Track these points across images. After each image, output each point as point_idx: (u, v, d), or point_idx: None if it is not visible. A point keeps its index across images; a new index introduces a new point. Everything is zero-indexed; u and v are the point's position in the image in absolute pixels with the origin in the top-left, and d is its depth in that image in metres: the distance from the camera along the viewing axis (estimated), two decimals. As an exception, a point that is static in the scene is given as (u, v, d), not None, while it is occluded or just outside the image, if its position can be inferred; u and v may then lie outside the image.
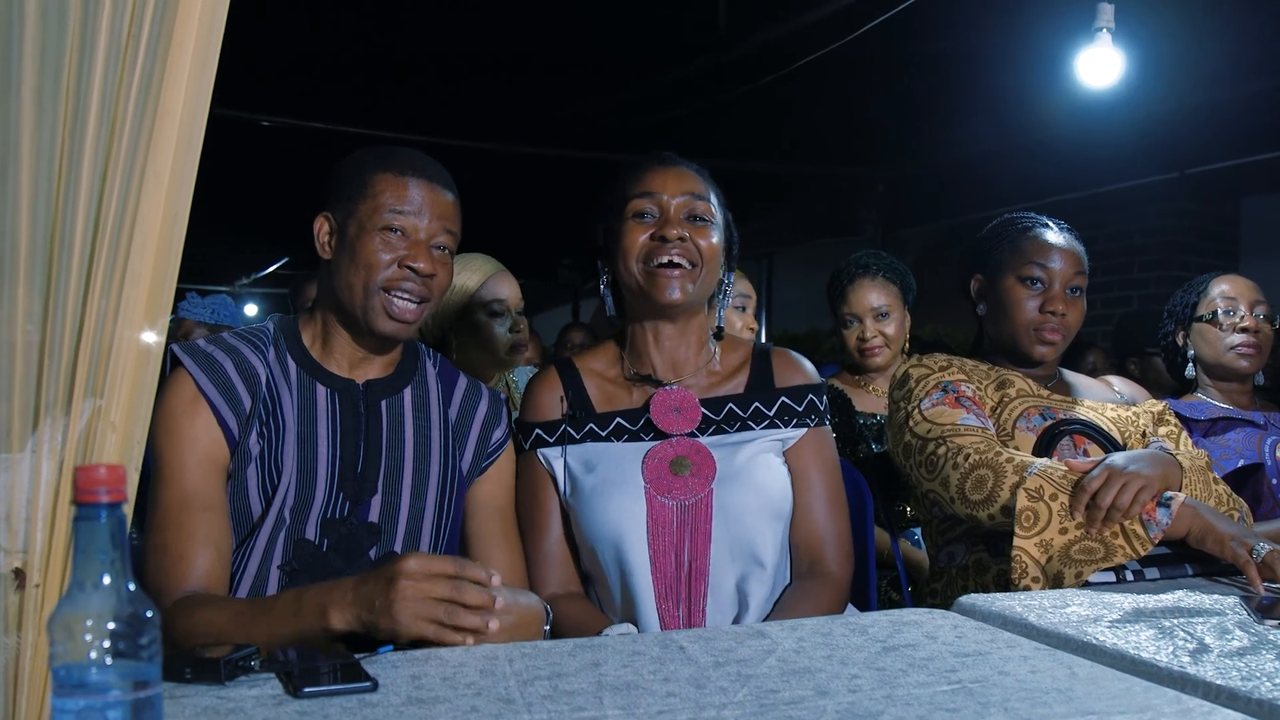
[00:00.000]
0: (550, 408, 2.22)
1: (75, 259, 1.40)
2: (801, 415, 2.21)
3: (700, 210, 2.14)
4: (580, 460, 2.16)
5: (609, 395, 2.23)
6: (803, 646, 1.55)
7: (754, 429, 2.18)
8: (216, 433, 1.90)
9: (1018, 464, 2.18)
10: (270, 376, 1.96)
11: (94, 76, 1.39)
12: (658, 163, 2.19)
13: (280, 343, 2.02)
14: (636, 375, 2.23)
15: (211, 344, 1.97)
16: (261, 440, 1.92)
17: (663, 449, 2.13)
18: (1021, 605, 1.76)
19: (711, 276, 2.18)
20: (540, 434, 2.20)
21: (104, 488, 0.90)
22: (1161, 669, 1.40)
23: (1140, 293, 7.46)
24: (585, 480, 2.14)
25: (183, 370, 1.91)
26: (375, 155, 2.01)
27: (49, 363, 1.39)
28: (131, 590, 0.92)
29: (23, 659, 1.38)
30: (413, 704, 1.31)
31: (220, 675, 1.37)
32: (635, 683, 1.39)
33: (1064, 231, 2.55)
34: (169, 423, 1.88)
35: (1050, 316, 2.45)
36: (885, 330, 3.59)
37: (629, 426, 2.18)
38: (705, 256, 2.13)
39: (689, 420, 2.16)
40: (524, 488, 2.20)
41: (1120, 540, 2.03)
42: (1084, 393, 2.58)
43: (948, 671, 1.42)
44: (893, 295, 3.63)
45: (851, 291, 3.63)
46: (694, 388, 2.21)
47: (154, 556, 1.82)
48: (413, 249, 1.95)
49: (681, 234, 2.11)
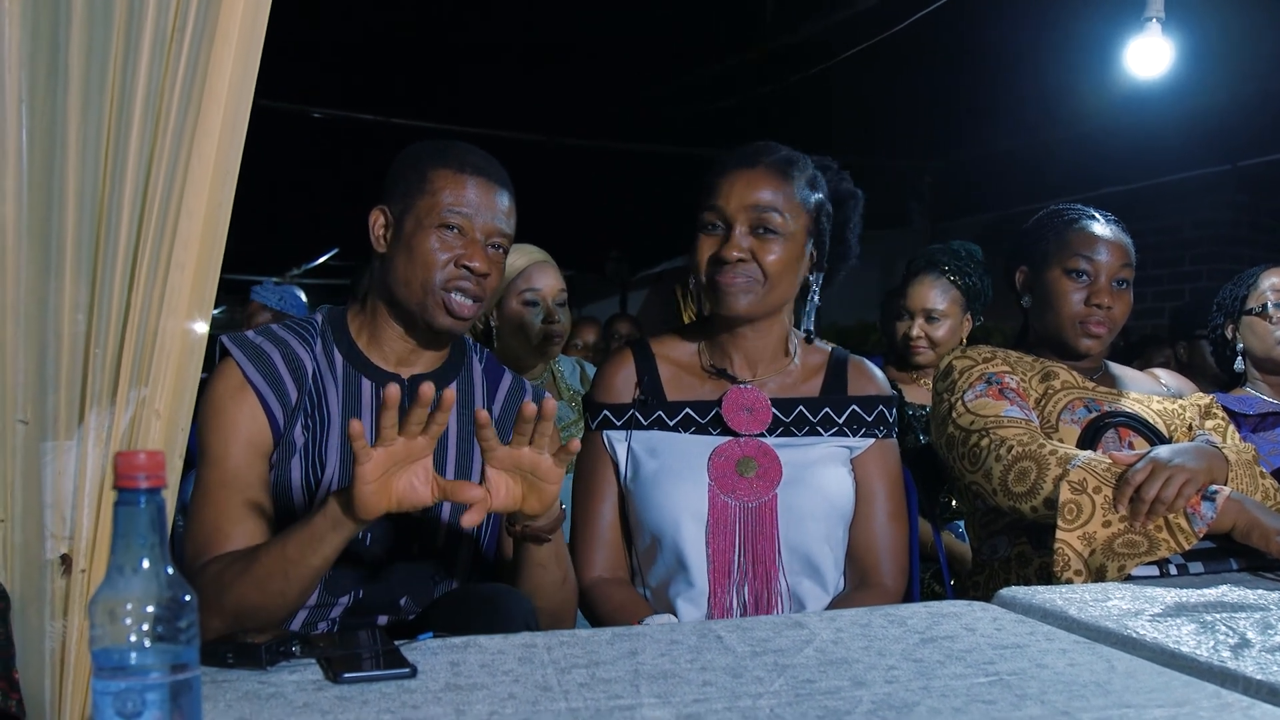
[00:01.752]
0: (622, 390, 2.22)
1: (121, 250, 1.42)
2: (871, 425, 2.21)
3: (771, 222, 2.10)
4: (645, 446, 2.16)
5: (682, 384, 2.23)
6: (840, 637, 1.55)
7: (822, 435, 2.18)
8: (261, 420, 1.92)
9: (1061, 456, 2.16)
10: (316, 369, 1.98)
11: (139, 71, 1.41)
12: (735, 163, 2.15)
13: (328, 335, 2.03)
14: (713, 368, 2.23)
15: (260, 335, 1.99)
16: (306, 433, 1.94)
17: (730, 448, 2.13)
18: (1062, 598, 1.74)
19: (781, 288, 2.15)
20: (608, 415, 2.21)
21: (144, 473, 0.92)
22: (1201, 663, 1.38)
23: (1191, 285, 7.37)
24: (648, 465, 2.14)
25: (231, 360, 1.94)
26: (434, 150, 2.02)
27: (95, 352, 1.41)
28: (170, 574, 0.93)
29: (69, 643, 1.41)
30: (451, 690, 1.32)
31: (261, 660, 1.39)
32: (672, 671, 1.40)
33: (1111, 223, 2.52)
34: (215, 408, 1.91)
35: (1096, 309, 2.43)
36: (933, 333, 3.53)
37: (698, 419, 2.18)
38: (770, 272, 2.11)
39: (759, 421, 2.16)
40: (583, 466, 2.21)
41: (1164, 534, 2.02)
42: (1130, 385, 2.55)
43: (985, 664, 1.41)
44: (953, 300, 3.55)
45: (913, 285, 3.58)
46: (768, 387, 2.21)
47: (192, 531, 1.86)
48: (469, 248, 1.95)
49: (743, 255, 2.09)
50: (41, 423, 1.40)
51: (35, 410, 1.40)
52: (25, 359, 1.40)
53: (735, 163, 2.15)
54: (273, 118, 6.23)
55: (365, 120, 6.89)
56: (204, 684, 1.32)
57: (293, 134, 6.83)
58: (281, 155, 6.58)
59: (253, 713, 1.24)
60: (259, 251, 12.52)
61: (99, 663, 0.91)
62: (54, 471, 1.40)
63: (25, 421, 1.38)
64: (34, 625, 1.40)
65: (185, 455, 1.57)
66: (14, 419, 1.38)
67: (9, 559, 1.40)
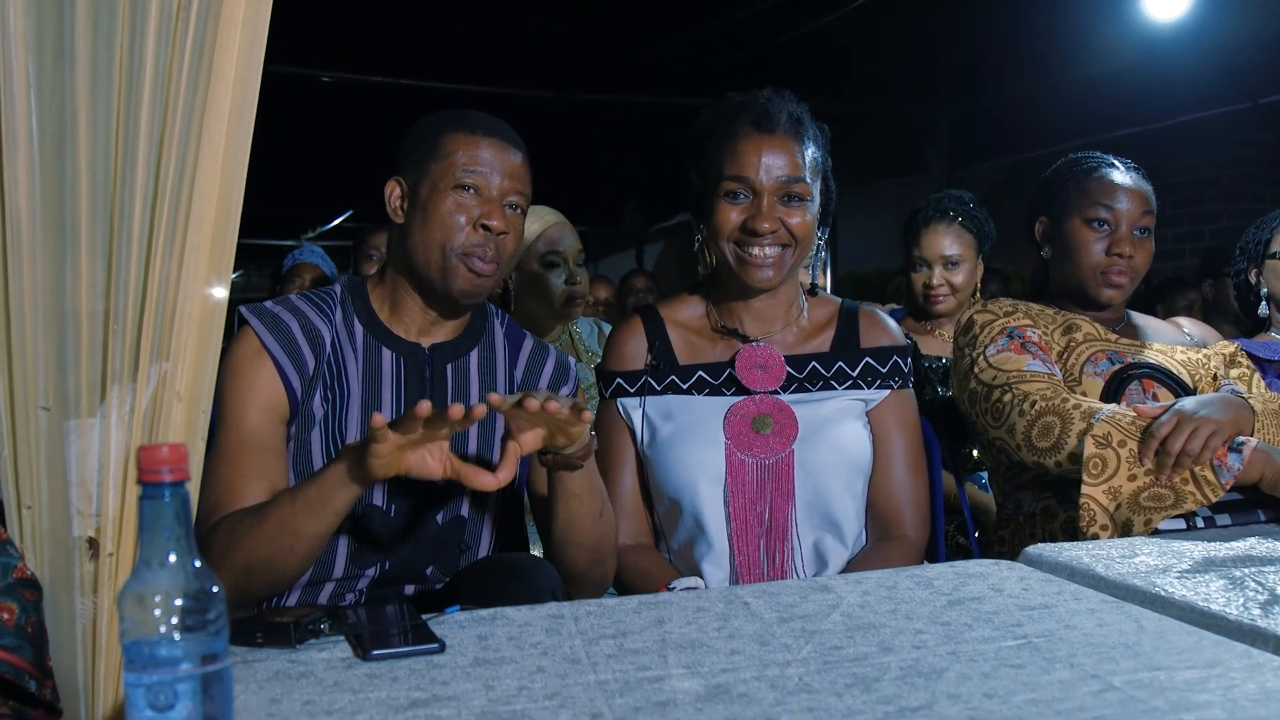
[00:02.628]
0: (633, 357, 2.22)
1: (136, 228, 1.41)
2: (885, 377, 2.19)
3: (797, 190, 2.09)
4: (660, 410, 2.16)
5: (693, 347, 2.22)
6: (867, 601, 1.55)
7: (836, 389, 2.17)
8: (279, 385, 1.92)
9: (1085, 410, 2.15)
10: (335, 339, 1.98)
11: (146, 49, 1.40)
12: (751, 127, 2.10)
13: (348, 304, 2.03)
14: (724, 328, 2.22)
15: (278, 305, 1.99)
16: (325, 404, 1.95)
17: (745, 405, 2.13)
18: (1089, 555, 1.74)
19: (805, 250, 2.14)
20: (621, 383, 2.21)
21: (167, 466, 0.92)
22: (1231, 622, 1.38)
23: (1212, 227, 7.30)
24: (664, 429, 2.14)
25: (249, 328, 1.95)
26: (446, 117, 2.02)
27: (115, 328, 1.41)
28: (198, 566, 0.94)
29: (100, 626, 1.42)
30: (480, 665, 1.33)
31: (291, 639, 1.40)
32: (700, 640, 1.40)
33: (1131, 170, 2.49)
34: (232, 372, 1.92)
35: (1117, 259, 2.41)
36: (953, 279, 3.52)
37: (711, 380, 2.17)
38: (799, 236, 2.10)
39: (773, 378, 2.15)
40: (600, 436, 2.21)
41: (1190, 487, 2.01)
42: (1153, 335, 2.53)
43: (1013, 625, 1.41)
44: (967, 244, 3.55)
45: (925, 235, 3.56)
46: (779, 344, 2.20)
47: (206, 490, 1.85)
48: (486, 206, 1.95)
49: (774, 225, 2.07)
50: (64, 403, 1.40)
51: (57, 392, 1.40)
52: (45, 345, 1.39)
53: (749, 125, 2.11)
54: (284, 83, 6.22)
55: (375, 82, 6.86)
56: (233, 664, 1.34)
57: (304, 98, 6.82)
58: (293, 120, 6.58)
59: (283, 693, 1.25)
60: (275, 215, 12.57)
61: (130, 655, 0.92)
62: (78, 450, 1.40)
63: (48, 408, 1.39)
64: (64, 609, 1.40)
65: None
66: (37, 406, 1.38)
67: (37, 544, 1.41)
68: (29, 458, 1.40)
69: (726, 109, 2.15)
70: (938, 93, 8.08)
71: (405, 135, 2.06)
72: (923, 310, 3.63)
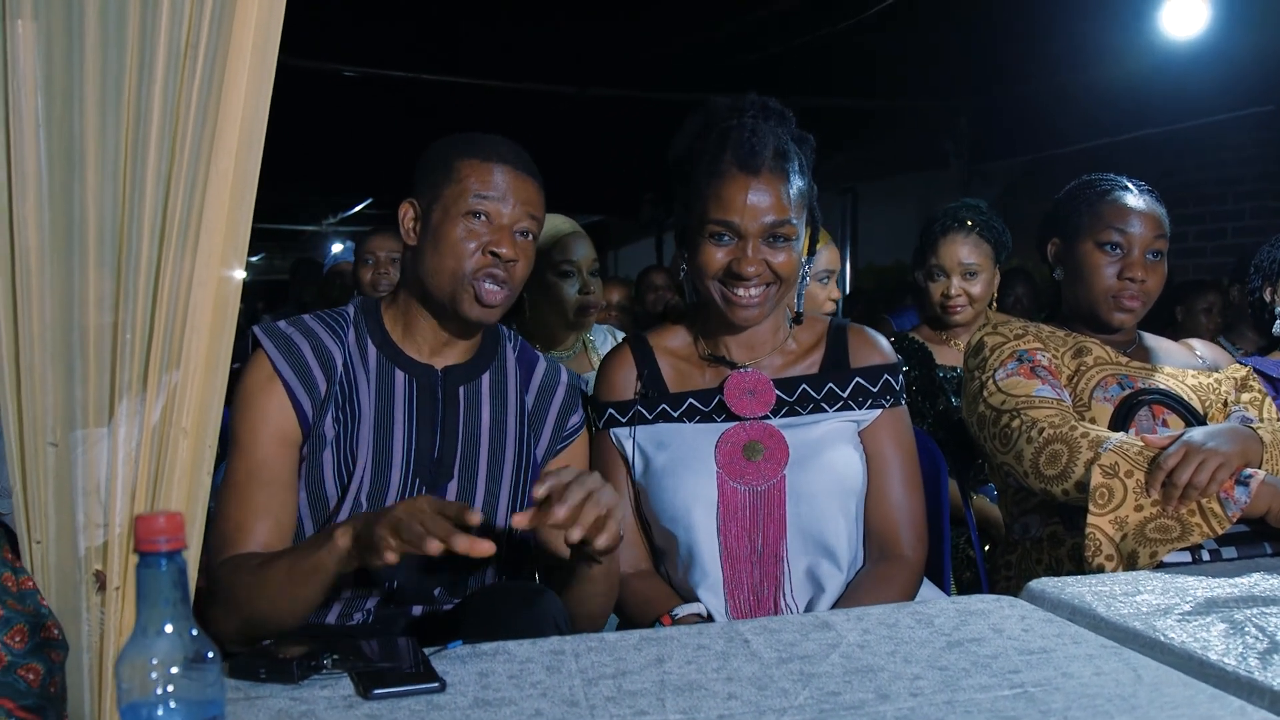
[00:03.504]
0: (624, 387, 2.22)
1: (145, 235, 1.42)
2: (876, 396, 2.18)
3: (782, 231, 2.06)
4: (652, 440, 2.16)
5: (682, 375, 2.22)
6: (867, 640, 1.56)
7: (827, 411, 2.16)
8: (290, 412, 1.94)
9: (1093, 439, 2.14)
10: (348, 360, 2.00)
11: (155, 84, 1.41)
12: (739, 169, 2.05)
13: (361, 325, 2.05)
14: (711, 356, 2.22)
15: (292, 325, 2.01)
16: (337, 425, 1.96)
17: (736, 433, 2.12)
18: (1091, 593, 1.74)
19: (790, 286, 2.12)
20: (613, 414, 2.21)
21: (164, 536, 0.93)
22: (1229, 674, 1.38)
23: (1234, 224, 7.27)
24: (656, 459, 2.14)
25: (262, 351, 1.96)
26: (460, 142, 2.02)
27: (124, 339, 1.43)
28: (195, 634, 0.95)
29: (105, 658, 1.44)
30: (479, 706, 1.34)
31: (294, 676, 1.42)
32: (698, 682, 1.41)
33: (1144, 194, 2.48)
34: (246, 399, 1.94)
35: (1129, 283, 2.40)
36: (971, 290, 3.50)
37: (701, 408, 2.17)
38: (784, 275, 2.08)
39: (763, 404, 2.15)
40: (595, 466, 2.21)
41: (1197, 519, 2.01)
42: (1164, 358, 2.52)
43: (1010, 672, 1.41)
44: (984, 254, 3.52)
45: (943, 244, 3.53)
46: (767, 368, 2.19)
47: (217, 524, 1.88)
48: (496, 234, 1.96)
49: (759, 268, 2.05)
50: (71, 419, 1.41)
51: (64, 424, 1.41)
52: (53, 376, 1.41)
53: (734, 166, 2.06)
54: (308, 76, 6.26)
55: (395, 77, 6.88)
56: (237, 701, 1.36)
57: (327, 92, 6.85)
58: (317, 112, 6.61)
59: (284, 734, 1.27)
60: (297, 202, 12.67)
61: (126, 719, 0.93)
62: (85, 462, 1.42)
63: (55, 444, 1.40)
64: (72, 642, 1.42)
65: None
66: (45, 442, 1.40)
67: (46, 578, 1.43)
68: (38, 493, 1.42)
69: (711, 139, 2.10)
70: (958, 89, 8.04)
71: (420, 157, 2.07)
72: (939, 320, 3.61)
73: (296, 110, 5.86)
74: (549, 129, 4.37)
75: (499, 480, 2.04)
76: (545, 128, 2.41)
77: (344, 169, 10.09)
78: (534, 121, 5.91)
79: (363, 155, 8.81)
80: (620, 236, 14.97)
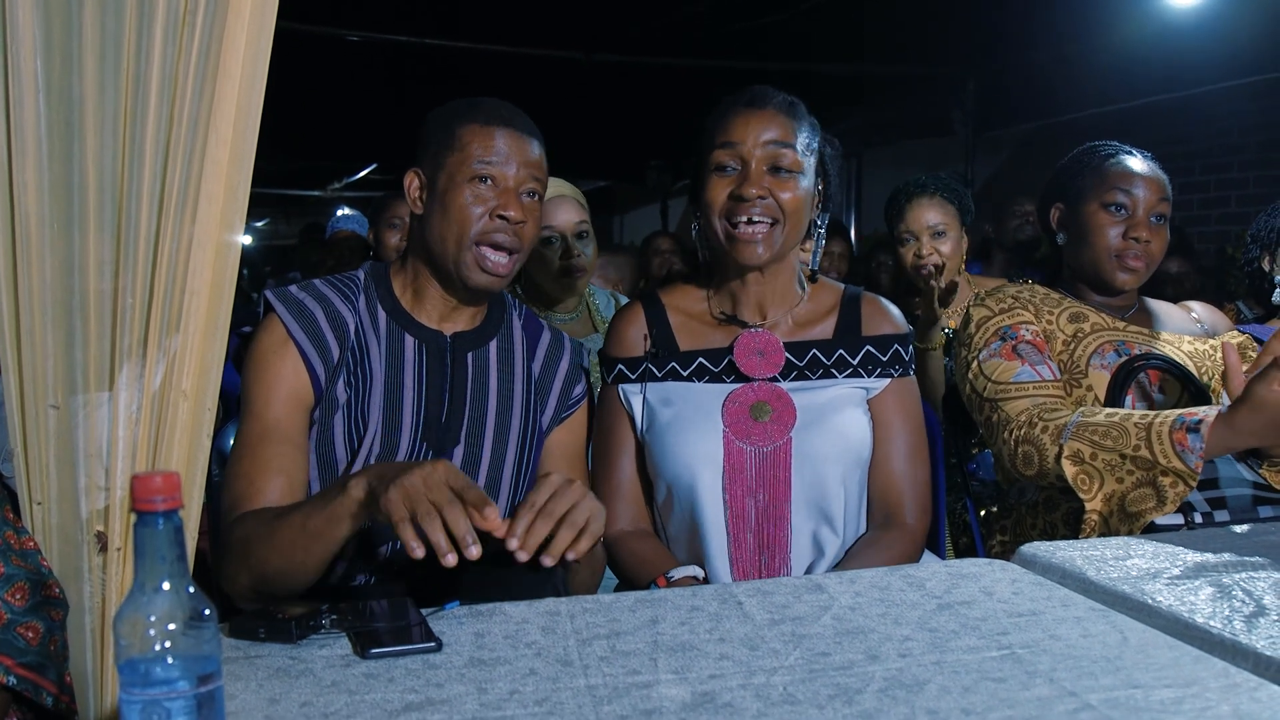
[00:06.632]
0: (634, 344, 2.24)
1: (145, 199, 1.43)
2: (886, 365, 2.20)
3: (785, 161, 2.08)
4: (659, 397, 2.18)
5: (693, 333, 2.23)
6: (859, 603, 1.57)
7: (837, 377, 2.18)
8: (303, 374, 1.96)
9: (1054, 430, 2.18)
10: (359, 326, 2.01)
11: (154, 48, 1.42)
12: (743, 105, 2.12)
13: (371, 291, 2.07)
14: (723, 315, 2.23)
15: (304, 290, 2.03)
16: (349, 389, 1.98)
17: (744, 393, 2.14)
18: (1082, 557, 1.75)
19: (796, 228, 2.12)
20: (622, 369, 2.22)
21: (160, 496, 0.94)
22: (1214, 636, 1.40)
23: (1239, 193, 7.26)
24: (663, 415, 2.16)
25: (274, 315, 1.98)
26: (461, 108, 2.04)
27: (124, 304, 1.44)
28: (192, 592, 0.97)
29: (108, 619, 1.46)
30: (474, 665, 1.36)
31: (292, 635, 1.43)
32: (690, 643, 1.43)
33: (1148, 160, 2.50)
34: (259, 361, 1.96)
35: (1133, 243, 2.41)
36: (941, 248, 3.61)
37: (711, 367, 2.19)
38: (788, 211, 2.08)
39: (772, 365, 2.16)
40: (601, 421, 2.24)
41: (1168, 479, 2.01)
42: (1163, 323, 2.54)
43: (999, 634, 1.43)
44: (950, 215, 3.66)
45: (909, 210, 3.67)
46: (779, 330, 2.20)
47: (229, 482, 1.91)
48: (502, 197, 1.98)
49: (762, 193, 2.06)
50: (72, 385, 1.43)
51: (66, 386, 1.43)
52: (54, 340, 1.42)
53: (744, 104, 2.12)
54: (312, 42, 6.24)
55: (400, 42, 6.85)
56: (236, 660, 1.38)
57: (331, 57, 6.84)
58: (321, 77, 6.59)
59: (282, 692, 1.29)
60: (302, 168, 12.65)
61: (124, 676, 0.95)
62: (86, 425, 1.44)
63: (57, 406, 1.42)
64: (73, 602, 1.45)
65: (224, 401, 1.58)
66: (46, 405, 1.42)
67: (48, 538, 1.45)
68: (39, 455, 1.43)
69: (725, 100, 2.16)
70: (964, 55, 8.01)
71: (422, 125, 2.08)
72: (912, 288, 3.69)
73: (301, 76, 5.87)
74: (555, 94, 4.35)
75: (505, 446, 2.06)
76: (551, 93, 2.40)
77: (348, 135, 10.09)
78: (540, 87, 5.89)
79: (367, 121, 8.81)
80: (626, 202, 14.97)
